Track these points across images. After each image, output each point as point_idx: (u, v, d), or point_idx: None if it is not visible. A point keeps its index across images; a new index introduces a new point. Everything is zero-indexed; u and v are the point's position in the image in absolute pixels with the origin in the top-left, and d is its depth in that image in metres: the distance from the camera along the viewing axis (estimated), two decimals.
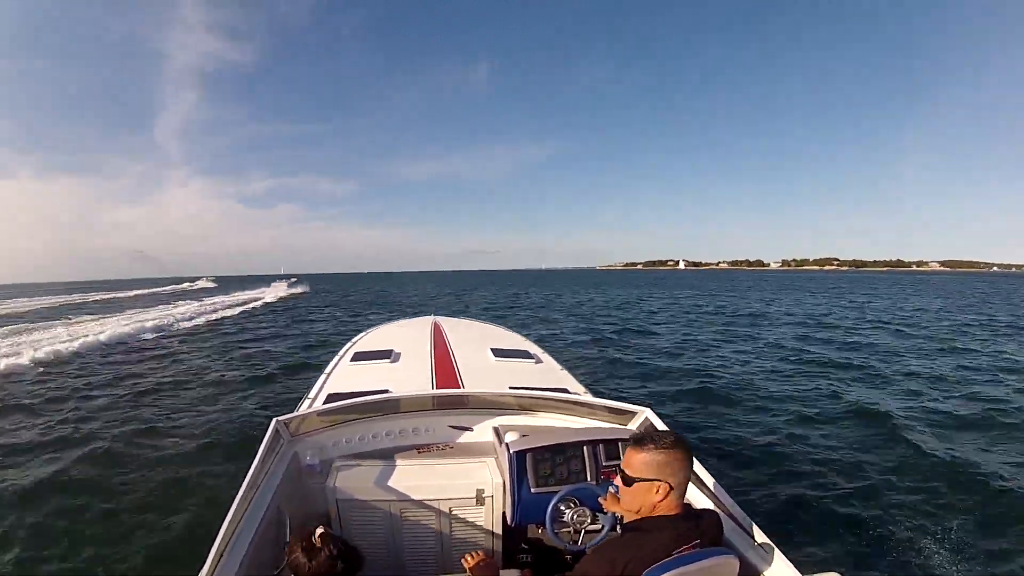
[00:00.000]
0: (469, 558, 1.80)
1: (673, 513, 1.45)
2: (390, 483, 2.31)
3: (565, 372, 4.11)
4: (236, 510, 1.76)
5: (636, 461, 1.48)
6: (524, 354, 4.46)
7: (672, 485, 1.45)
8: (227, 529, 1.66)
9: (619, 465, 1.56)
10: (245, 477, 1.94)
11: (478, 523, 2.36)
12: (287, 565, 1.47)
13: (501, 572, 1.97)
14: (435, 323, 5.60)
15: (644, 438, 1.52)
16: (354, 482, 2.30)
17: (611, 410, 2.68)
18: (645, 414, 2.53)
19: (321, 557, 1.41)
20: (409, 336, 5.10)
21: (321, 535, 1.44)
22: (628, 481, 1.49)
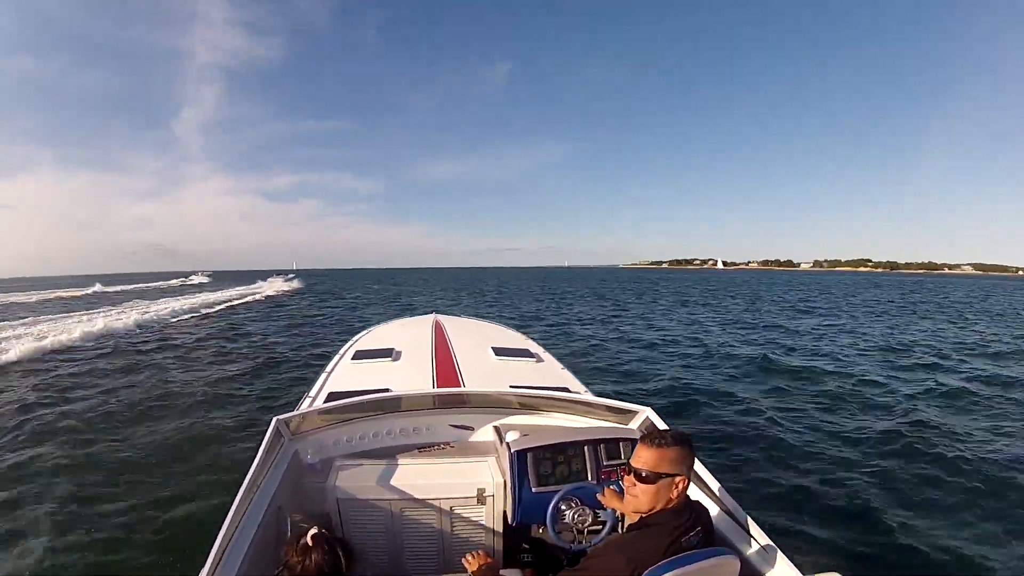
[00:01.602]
0: (471, 558, 1.80)
1: (676, 506, 1.49)
2: (391, 482, 2.31)
3: (566, 371, 4.10)
4: (236, 509, 1.76)
5: (656, 457, 1.49)
6: (525, 353, 4.45)
7: (688, 479, 1.51)
8: (227, 528, 1.66)
9: (629, 464, 1.56)
10: (245, 476, 1.94)
11: (479, 522, 2.36)
12: (283, 566, 1.47)
13: (502, 572, 1.97)
14: (436, 321, 5.60)
15: (659, 435, 1.55)
16: (355, 481, 2.30)
17: (612, 409, 2.67)
18: (646, 413, 2.53)
19: (313, 559, 1.41)
20: (410, 335, 5.09)
21: (313, 536, 1.44)
22: (651, 478, 1.48)
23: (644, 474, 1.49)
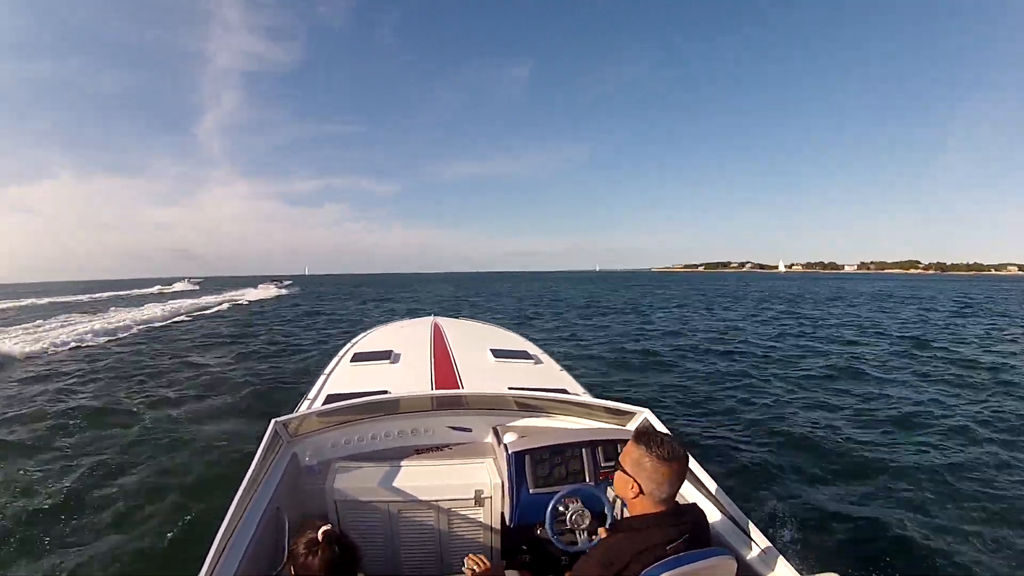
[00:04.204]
0: (473, 565, 1.79)
1: (657, 511, 1.46)
2: (389, 484, 2.31)
3: (564, 373, 4.11)
4: (235, 511, 1.76)
5: (625, 451, 1.53)
6: (523, 354, 4.46)
7: (643, 488, 1.44)
8: (225, 530, 1.66)
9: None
10: (244, 478, 1.94)
11: (477, 524, 2.36)
12: (288, 561, 1.47)
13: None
14: (435, 323, 5.60)
15: (642, 434, 1.54)
16: (353, 483, 2.30)
17: (610, 411, 2.68)
18: (644, 415, 2.54)
19: (323, 555, 1.41)
20: (409, 337, 5.10)
21: (325, 532, 1.45)
22: (617, 467, 1.55)
23: (619, 462, 1.55)
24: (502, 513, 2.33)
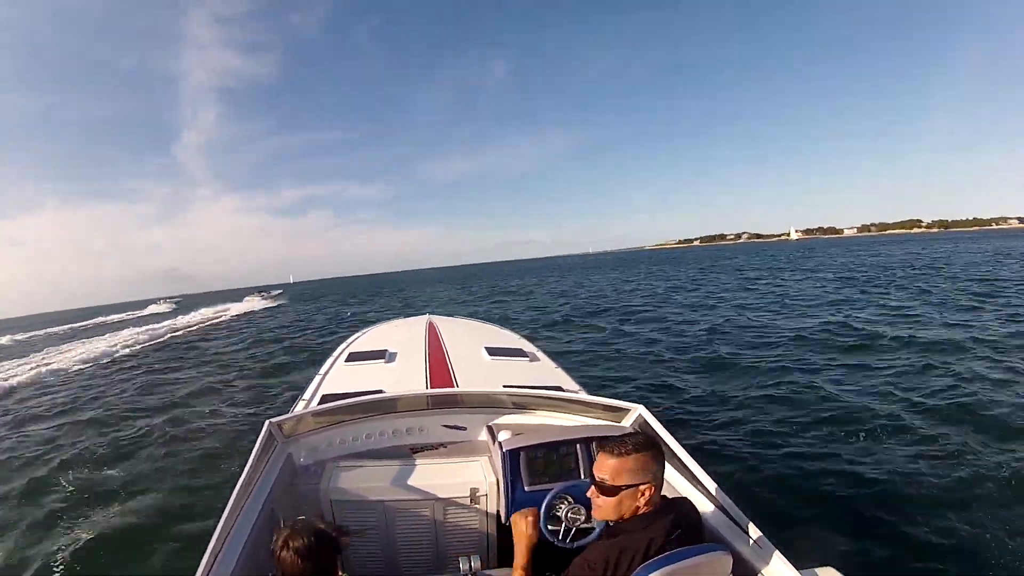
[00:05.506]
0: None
1: (647, 512, 1.45)
2: (384, 483, 2.32)
3: (559, 370, 4.11)
4: (230, 512, 1.75)
5: (617, 468, 1.44)
6: (518, 352, 4.46)
7: (656, 485, 1.45)
8: (220, 531, 1.65)
9: (593, 473, 1.52)
10: (239, 479, 1.93)
11: (472, 522, 2.36)
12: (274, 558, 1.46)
13: (495, 571, 1.97)
14: (430, 322, 5.59)
15: (619, 443, 1.48)
16: (348, 483, 2.30)
17: (605, 407, 2.68)
18: (638, 411, 2.53)
19: (295, 544, 1.40)
20: (404, 336, 5.09)
21: (298, 521, 1.43)
22: (612, 491, 1.44)
23: (604, 486, 1.45)
24: (497, 511, 2.34)
